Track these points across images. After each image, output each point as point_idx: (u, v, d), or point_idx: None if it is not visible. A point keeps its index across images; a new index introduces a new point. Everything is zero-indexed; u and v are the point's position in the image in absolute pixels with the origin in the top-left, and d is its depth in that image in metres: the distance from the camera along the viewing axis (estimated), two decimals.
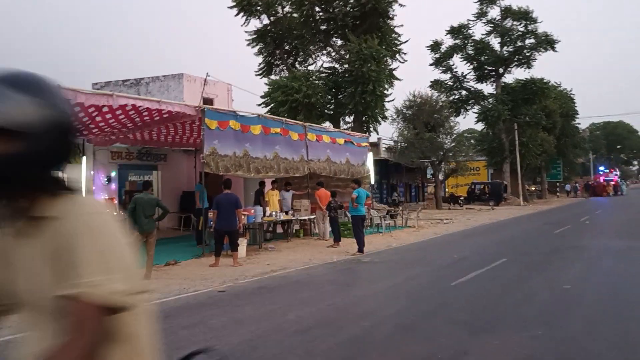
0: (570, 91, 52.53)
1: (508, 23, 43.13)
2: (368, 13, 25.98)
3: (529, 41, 42.67)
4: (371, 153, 20.12)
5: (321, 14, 27.09)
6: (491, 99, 43.23)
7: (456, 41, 43.82)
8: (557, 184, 60.37)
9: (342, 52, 27.28)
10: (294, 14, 28.15)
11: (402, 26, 28.26)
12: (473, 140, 50.48)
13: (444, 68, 44.14)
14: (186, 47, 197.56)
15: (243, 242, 12.17)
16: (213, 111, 12.51)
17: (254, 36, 29.13)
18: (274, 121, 14.60)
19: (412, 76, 34.12)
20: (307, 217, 16.34)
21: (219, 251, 11.15)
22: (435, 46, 43.60)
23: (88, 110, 10.44)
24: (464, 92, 44.71)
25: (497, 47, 43.55)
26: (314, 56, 29.79)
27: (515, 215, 27.83)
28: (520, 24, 42.69)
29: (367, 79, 24.00)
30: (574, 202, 43.83)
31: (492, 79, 44.32)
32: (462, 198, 38.70)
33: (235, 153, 12.72)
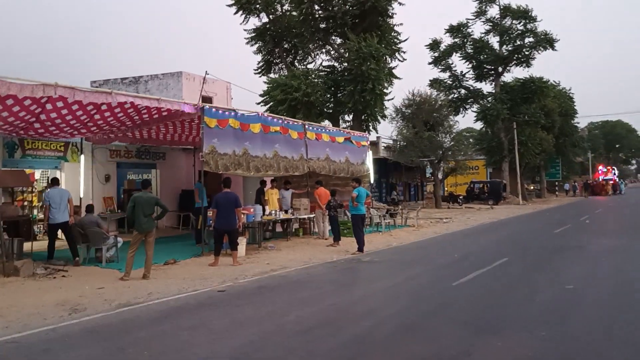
0: (569, 90, 52.56)
1: (507, 22, 43.05)
2: (367, 11, 25.87)
3: (528, 40, 42.57)
4: (370, 152, 20.06)
5: (320, 12, 26.97)
6: (490, 98, 43.17)
7: (455, 40, 43.72)
8: (556, 183, 60.38)
9: (342, 51, 27.18)
10: (293, 12, 28.03)
11: (402, 25, 28.08)
12: (472, 139, 50.39)
13: (443, 67, 44.05)
14: (185, 46, 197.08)
15: (242, 241, 12.10)
16: (212, 109, 12.41)
17: (253, 34, 29.03)
18: (274, 119, 14.52)
19: (411, 75, 34.08)
20: (307, 216, 16.28)
21: (219, 250, 11.08)
22: (434, 45, 43.52)
23: (87, 108, 10.36)
24: (463, 91, 44.64)
25: (497, 46, 43.49)
26: (313, 54, 29.69)
27: (515, 214, 27.80)
28: (519, 23, 42.59)
29: (367, 78, 23.91)
30: (573, 201, 43.83)
31: (491, 78, 44.25)
32: (461, 197, 38.66)
33: (234, 151, 12.64)
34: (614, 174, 64.55)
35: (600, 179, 60.14)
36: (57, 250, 11.42)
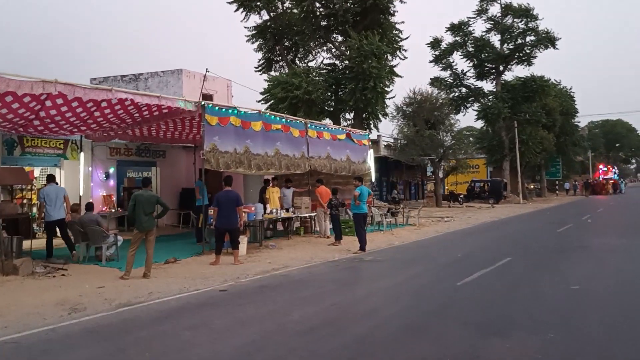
0: (570, 89, 52.47)
1: (508, 20, 42.93)
2: (369, 9, 25.79)
3: (530, 38, 42.47)
4: (372, 150, 19.95)
5: (321, 10, 26.88)
6: (491, 97, 43.09)
7: (456, 38, 43.62)
8: (557, 182, 60.32)
9: (343, 49, 27.08)
10: (294, 10, 27.95)
11: (403, 23, 28.02)
12: (472, 138, 50.29)
13: (444, 65, 43.97)
14: (185, 43, 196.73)
15: (244, 240, 12.01)
16: (213, 107, 12.31)
17: (254, 32, 28.92)
18: (275, 117, 14.41)
19: (412, 73, 33.98)
20: (308, 215, 16.18)
21: (220, 249, 10.98)
22: (435, 43, 43.41)
23: (86, 105, 10.25)
24: (464, 90, 44.55)
25: (498, 45, 43.40)
26: (314, 52, 29.61)
27: (516, 213, 27.70)
28: (520, 21, 42.47)
29: (368, 76, 23.81)
30: (574, 200, 43.76)
31: (492, 77, 44.16)
32: (462, 196, 38.59)
33: (235, 149, 12.53)
34: (615, 173, 64.46)
35: (600, 178, 60.06)
36: (57, 248, 11.33)
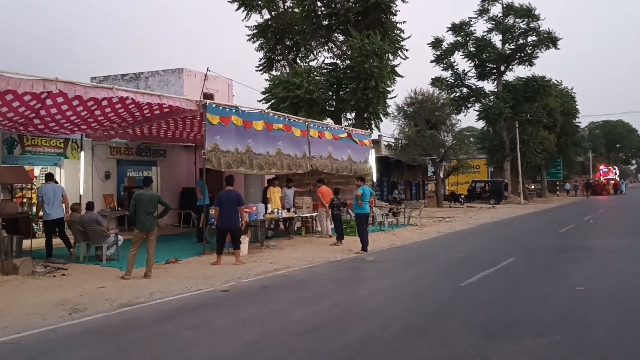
0: (571, 90, 52.38)
1: (510, 20, 42.83)
2: (370, 8, 25.70)
3: (531, 39, 42.36)
4: (373, 150, 19.89)
5: (323, 9, 26.79)
6: (492, 97, 43.00)
7: (457, 38, 43.51)
8: (557, 183, 60.22)
9: (344, 48, 26.98)
10: (295, 9, 27.85)
11: (405, 22, 27.87)
12: (472, 138, 50.22)
13: (445, 65, 43.85)
14: (186, 42, 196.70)
15: (245, 240, 11.94)
16: (215, 106, 12.24)
17: (255, 31, 28.83)
18: (276, 117, 14.35)
19: (413, 73, 33.88)
20: (309, 215, 16.12)
21: (221, 249, 10.91)
22: (436, 43, 43.29)
23: (87, 104, 10.17)
24: (465, 90, 44.43)
25: (499, 45, 43.29)
26: (316, 52, 29.51)
27: (516, 213, 27.64)
28: (522, 21, 42.35)
29: (369, 75, 23.73)
30: (575, 201, 43.68)
31: (494, 77, 44.06)
32: (463, 196, 38.52)
33: (237, 149, 12.46)
34: (615, 174, 64.34)
35: (601, 179, 59.95)
36: (57, 248, 11.27)
